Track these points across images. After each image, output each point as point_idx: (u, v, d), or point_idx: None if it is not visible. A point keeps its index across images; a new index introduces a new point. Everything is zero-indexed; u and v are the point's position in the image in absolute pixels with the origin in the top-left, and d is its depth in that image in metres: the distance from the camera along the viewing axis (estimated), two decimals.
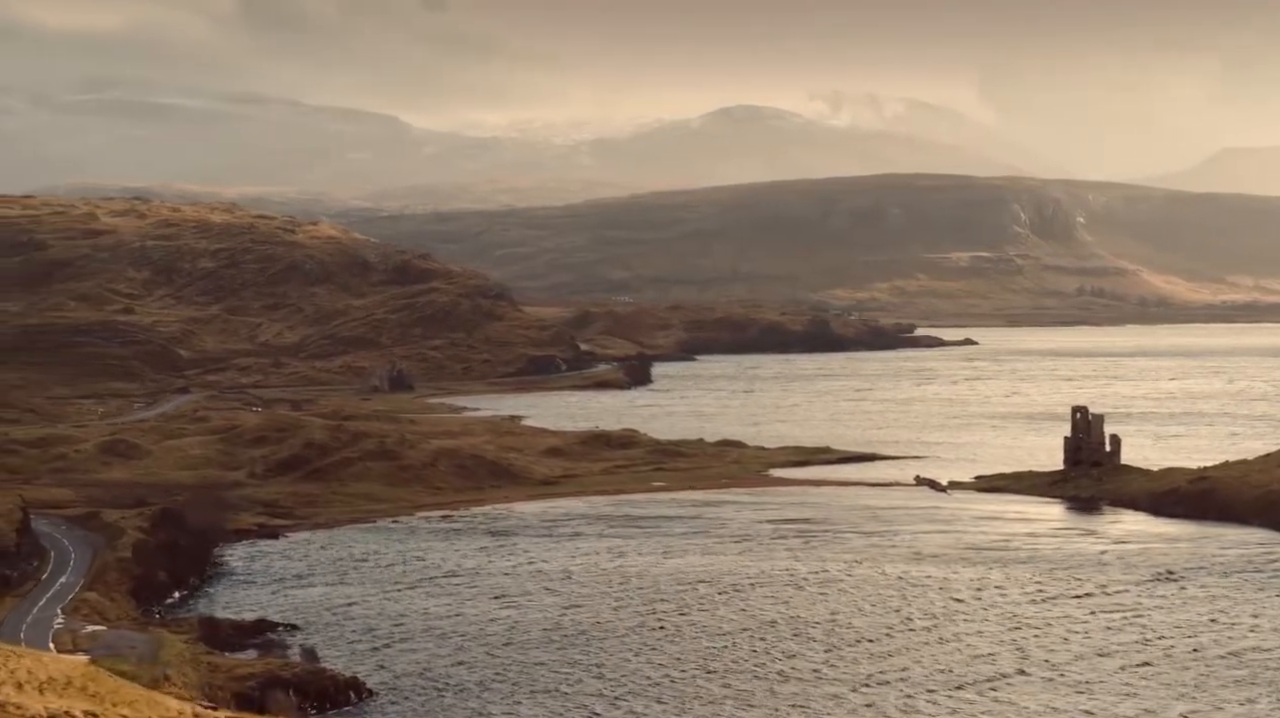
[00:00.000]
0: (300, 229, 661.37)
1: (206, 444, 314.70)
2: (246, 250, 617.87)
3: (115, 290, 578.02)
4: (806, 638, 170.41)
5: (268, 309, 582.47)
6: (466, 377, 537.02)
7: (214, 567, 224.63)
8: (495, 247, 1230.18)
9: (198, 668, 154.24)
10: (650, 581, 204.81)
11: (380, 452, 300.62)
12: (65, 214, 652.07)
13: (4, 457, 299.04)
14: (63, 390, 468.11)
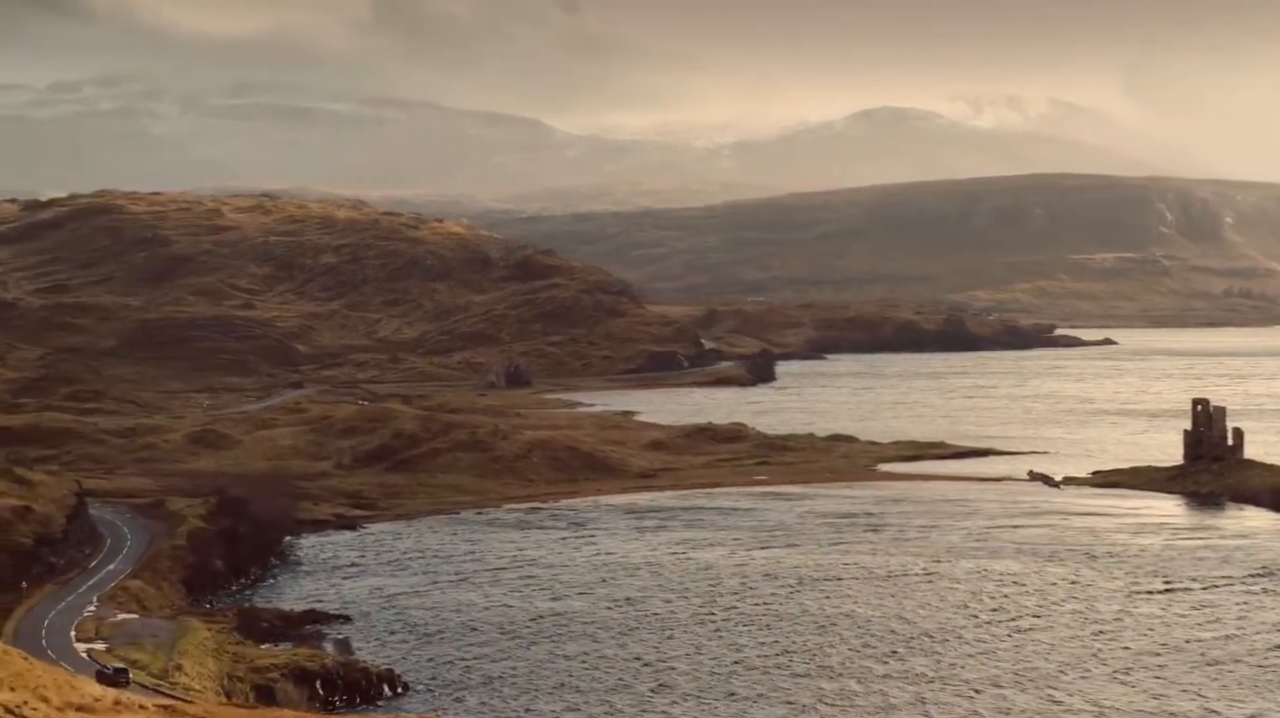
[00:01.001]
0: (425, 226, 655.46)
1: (297, 435, 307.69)
2: (369, 246, 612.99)
3: (236, 286, 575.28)
4: (869, 634, 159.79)
5: (388, 305, 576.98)
6: (586, 373, 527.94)
7: (281, 557, 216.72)
8: (631, 248, 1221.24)
9: (220, 658, 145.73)
10: (720, 574, 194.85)
11: (471, 443, 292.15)
12: (190, 211, 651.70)
13: (90, 446, 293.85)
14: (177, 384, 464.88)
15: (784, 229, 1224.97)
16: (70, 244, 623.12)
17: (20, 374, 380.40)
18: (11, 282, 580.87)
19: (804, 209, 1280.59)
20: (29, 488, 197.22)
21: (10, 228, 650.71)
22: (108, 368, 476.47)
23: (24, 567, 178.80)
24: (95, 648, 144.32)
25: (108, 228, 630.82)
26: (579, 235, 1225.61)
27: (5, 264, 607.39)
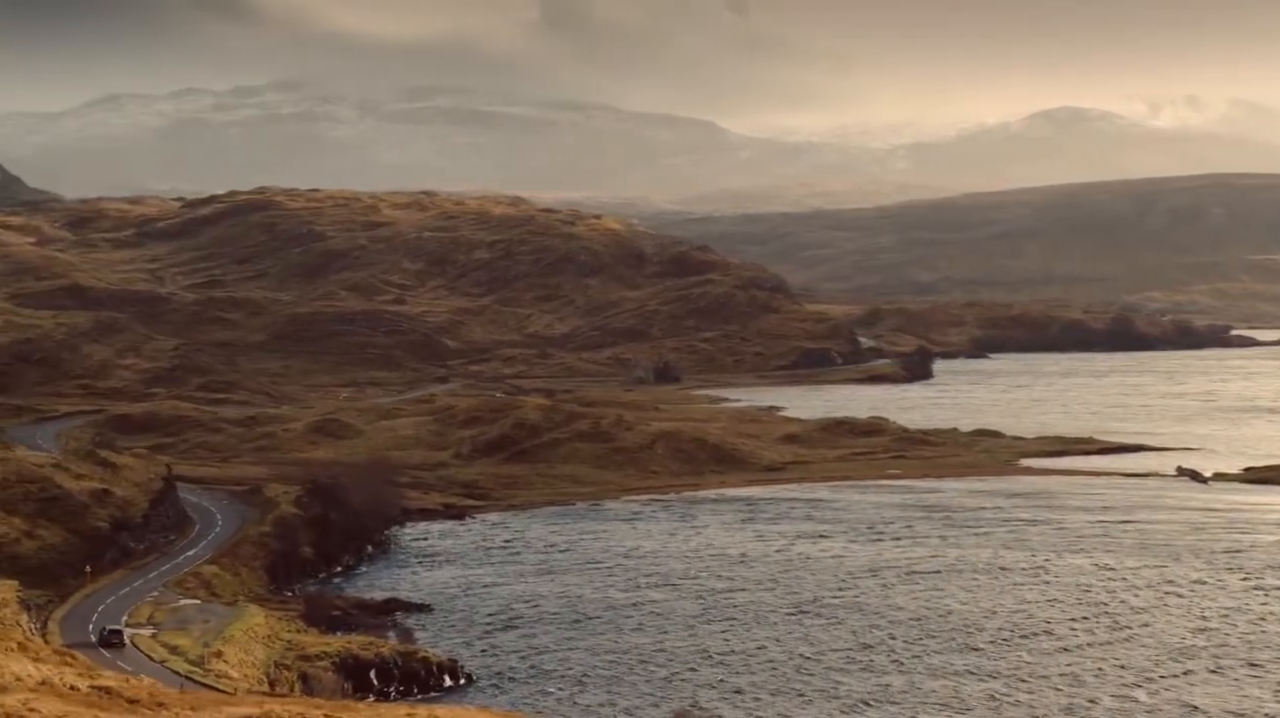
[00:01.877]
0: (582, 222, 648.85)
1: (419, 425, 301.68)
2: (522, 242, 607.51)
3: (388, 281, 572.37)
4: (956, 628, 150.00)
5: (540, 300, 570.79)
6: (737, 369, 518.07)
7: (379, 545, 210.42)
8: (800, 248, 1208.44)
9: (270, 646, 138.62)
10: (821, 567, 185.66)
11: (593, 433, 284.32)
12: (347, 207, 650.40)
13: (208, 435, 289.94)
14: (325, 379, 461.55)
15: (956, 229, 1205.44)
16: (227, 240, 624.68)
17: (154, 365, 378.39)
18: (168, 277, 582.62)
19: (977, 209, 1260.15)
20: (113, 471, 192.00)
21: (169, 224, 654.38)
22: (255, 362, 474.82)
23: (98, 551, 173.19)
24: (141, 633, 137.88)
25: (264, 224, 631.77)
26: (749, 236, 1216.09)
27: (163, 260, 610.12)
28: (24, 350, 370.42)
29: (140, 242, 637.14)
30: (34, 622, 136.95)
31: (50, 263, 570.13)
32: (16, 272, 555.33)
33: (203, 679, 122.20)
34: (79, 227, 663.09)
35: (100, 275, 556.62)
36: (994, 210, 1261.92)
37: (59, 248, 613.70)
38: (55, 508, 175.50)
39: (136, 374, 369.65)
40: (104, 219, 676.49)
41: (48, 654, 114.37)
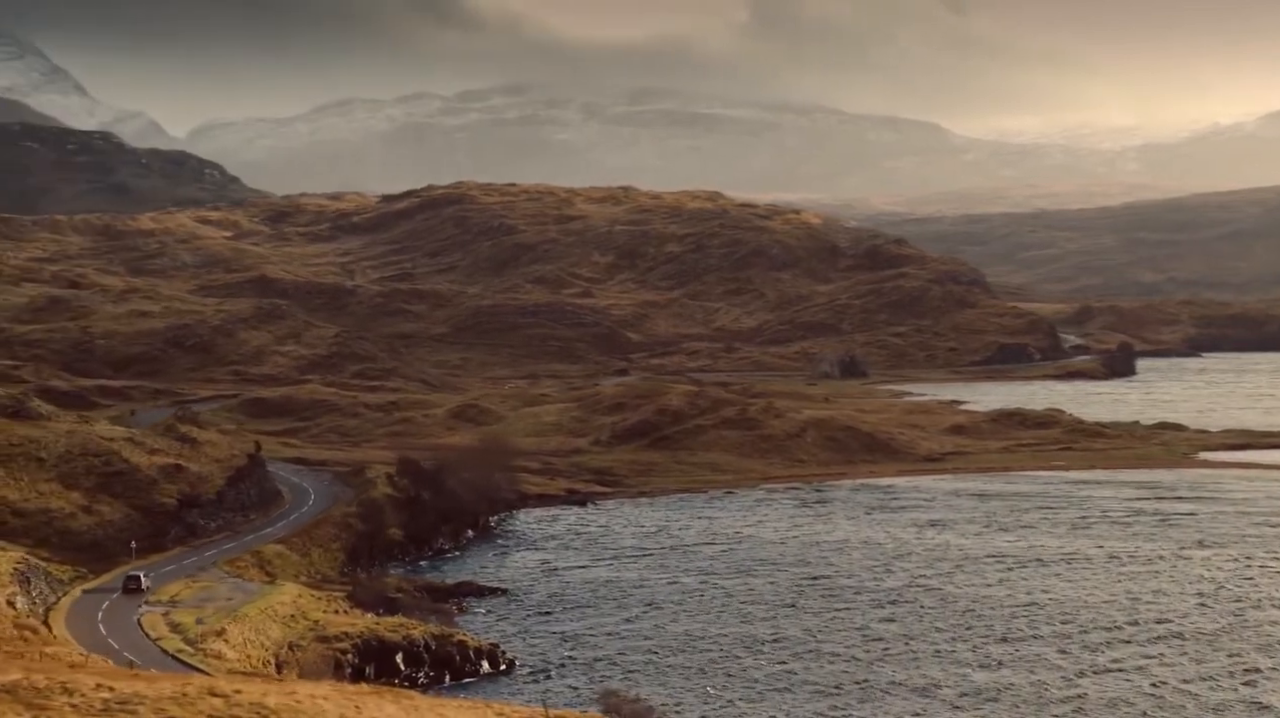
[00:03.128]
0: (778, 216, 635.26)
1: (563, 411, 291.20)
2: (714, 235, 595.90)
3: (576, 274, 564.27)
4: (1051, 620, 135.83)
5: (729, 294, 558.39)
6: (929, 364, 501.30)
7: (482, 529, 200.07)
8: (1021, 249, 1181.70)
9: (291, 625, 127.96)
10: (935, 556, 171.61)
11: (739, 420, 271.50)
12: (539, 201, 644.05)
13: (344, 419, 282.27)
14: (502, 371, 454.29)
15: (1183, 230, 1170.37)
16: (420, 234, 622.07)
17: (312, 352, 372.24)
18: (359, 270, 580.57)
19: (1205, 209, 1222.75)
20: (192, 447, 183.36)
21: (365, 219, 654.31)
22: (436, 354, 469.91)
23: (161, 527, 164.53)
24: (154, 611, 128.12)
25: (457, 218, 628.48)
26: (969, 237, 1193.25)
27: (356, 253, 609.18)
28: (178, 336, 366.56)
29: (334, 236, 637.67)
30: (40, 597, 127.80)
31: (240, 255, 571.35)
32: (207, 263, 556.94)
33: (188, 659, 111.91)
34: (277, 221, 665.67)
35: (289, 268, 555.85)
36: (1223, 210, 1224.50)
37: (253, 241, 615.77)
38: (119, 483, 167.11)
39: (292, 361, 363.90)
40: (302, 214, 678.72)
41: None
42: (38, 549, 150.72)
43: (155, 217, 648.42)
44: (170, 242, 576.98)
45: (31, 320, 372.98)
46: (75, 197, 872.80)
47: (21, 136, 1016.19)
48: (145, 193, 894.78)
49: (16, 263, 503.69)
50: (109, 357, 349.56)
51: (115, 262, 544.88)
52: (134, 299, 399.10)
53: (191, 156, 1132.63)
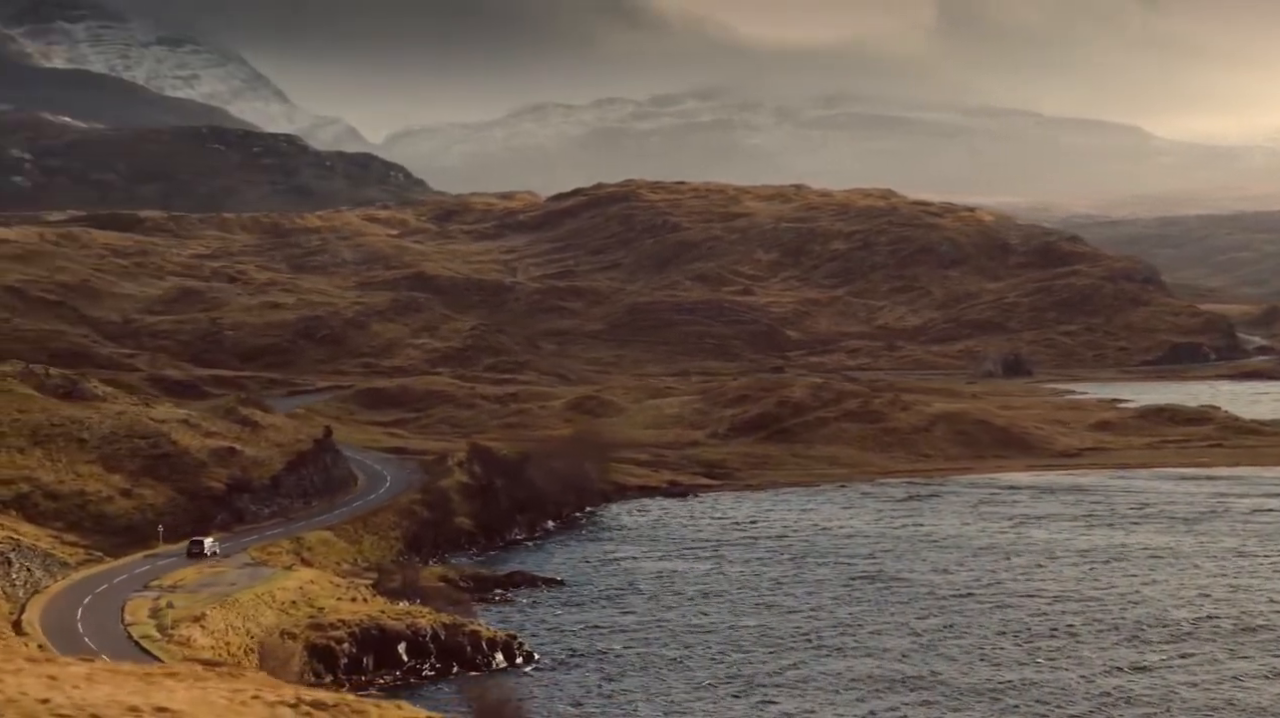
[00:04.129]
0: (951, 214, 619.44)
1: (685, 404, 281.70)
2: (881, 233, 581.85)
3: (738, 271, 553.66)
4: (1124, 619, 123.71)
5: (895, 292, 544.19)
6: (1098, 364, 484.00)
7: (565, 519, 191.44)
8: (1217, 251, 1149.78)
9: (290, 613, 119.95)
10: (1019, 551, 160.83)
11: (862, 413, 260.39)
12: (706, 199, 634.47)
13: (459, 410, 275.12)
14: (656, 368, 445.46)
15: None
16: (584, 231, 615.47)
17: (446, 344, 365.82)
18: (521, 267, 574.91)
19: None
20: (253, 430, 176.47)
21: (530, 216, 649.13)
22: (590, 350, 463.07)
23: (206, 512, 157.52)
24: (147, 596, 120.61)
25: (622, 215, 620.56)
26: (1163, 239, 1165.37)
27: (519, 251, 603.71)
28: (309, 327, 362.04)
29: (499, 234, 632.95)
30: (24, 580, 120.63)
31: (401, 252, 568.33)
32: (368, 260, 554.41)
33: (150, 646, 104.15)
34: (444, 220, 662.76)
35: (450, 265, 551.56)
36: None
37: (417, 239, 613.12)
38: (165, 466, 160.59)
39: (425, 354, 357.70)
40: (469, 213, 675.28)
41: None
42: (66, 532, 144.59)
43: (323, 215, 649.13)
44: (332, 239, 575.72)
45: (163, 312, 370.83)
46: (259, 198, 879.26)
47: (209, 139, 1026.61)
48: (327, 195, 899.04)
49: (179, 259, 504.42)
50: (237, 348, 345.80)
51: (277, 258, 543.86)
52: (273, 291, 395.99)
53: (376, 159, 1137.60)
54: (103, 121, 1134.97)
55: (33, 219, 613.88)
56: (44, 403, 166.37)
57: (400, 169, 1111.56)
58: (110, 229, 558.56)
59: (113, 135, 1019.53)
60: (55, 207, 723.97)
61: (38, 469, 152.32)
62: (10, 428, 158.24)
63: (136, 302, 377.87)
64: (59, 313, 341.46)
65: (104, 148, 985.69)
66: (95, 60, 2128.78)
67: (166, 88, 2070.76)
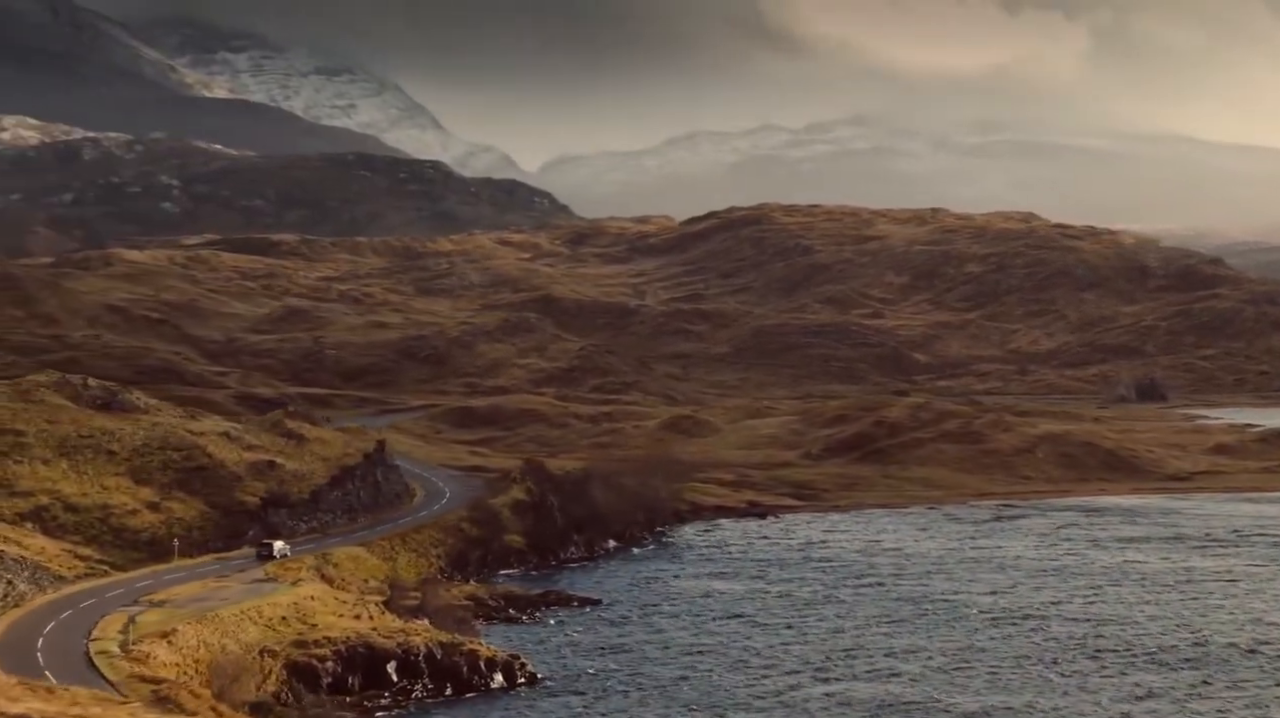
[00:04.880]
0: (1091, 237, 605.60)
1: (783, 424, 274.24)
2: (1017, 255, 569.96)
3: (868, 294, 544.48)
4: (1144, 645, 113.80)
5: (1029, 315, 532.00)
6: (1236, 388, 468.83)
7: (628, 539, 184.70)
8: None
9: (276, 629, 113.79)
10: (1074, 574, 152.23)
11: (962, 434, 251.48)
12: (840, 222, 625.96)
13: (549, 429, 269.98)
14: (778, 391, 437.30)
15: None
16: (716, 255, 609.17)
17: (553, 364, 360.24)
18: (650, 290, 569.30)
19: None
20: (298, 444, 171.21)
21: (662, 240, 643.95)
22: (713, 373, 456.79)
23: (238, 526, 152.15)
24: (127, 610, 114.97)
25: (754, 239, 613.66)
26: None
27: (649, 274, 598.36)
28: (412, 347, 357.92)
29: (630, 257, 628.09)
30: (7, 595, 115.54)
31: (529, 275, 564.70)
32: (495, 283, 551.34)
33: (102, 664, 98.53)
34: (576, 243, 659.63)
35: (577, 288, 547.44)
36: None
37: (548, 262, 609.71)
38: (198, 479, 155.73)
39: (530, 373, 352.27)
40: (602, 236, 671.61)
41: None
42: (83, 546, 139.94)
43: (455, 239, 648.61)
44: (460, 262, 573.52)
45: (268, 331, 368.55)
46: (403, 224, 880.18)
47: (356, 166, 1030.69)
48: (471, 220, 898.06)
49: (305, 281, 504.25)
50: (338, 367, 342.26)
51: (404, 281, 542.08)
52: (382, 311, 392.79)
53: (522, 185, 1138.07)
54: (256, 149, 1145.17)
55: (171, 243, 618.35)
56: (76, 414, 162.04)
57: (546, 195, 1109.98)
58: (244, 252, 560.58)
59: (261, 162, 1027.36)
60: (200, 232, 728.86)
61: (61, 481, 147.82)
62: (36, 439, 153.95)
63: (243, 321, 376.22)
64: (159, 331, 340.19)
65: (252, 175, 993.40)
66: (255, 90, 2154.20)
67: (324, 117, 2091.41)
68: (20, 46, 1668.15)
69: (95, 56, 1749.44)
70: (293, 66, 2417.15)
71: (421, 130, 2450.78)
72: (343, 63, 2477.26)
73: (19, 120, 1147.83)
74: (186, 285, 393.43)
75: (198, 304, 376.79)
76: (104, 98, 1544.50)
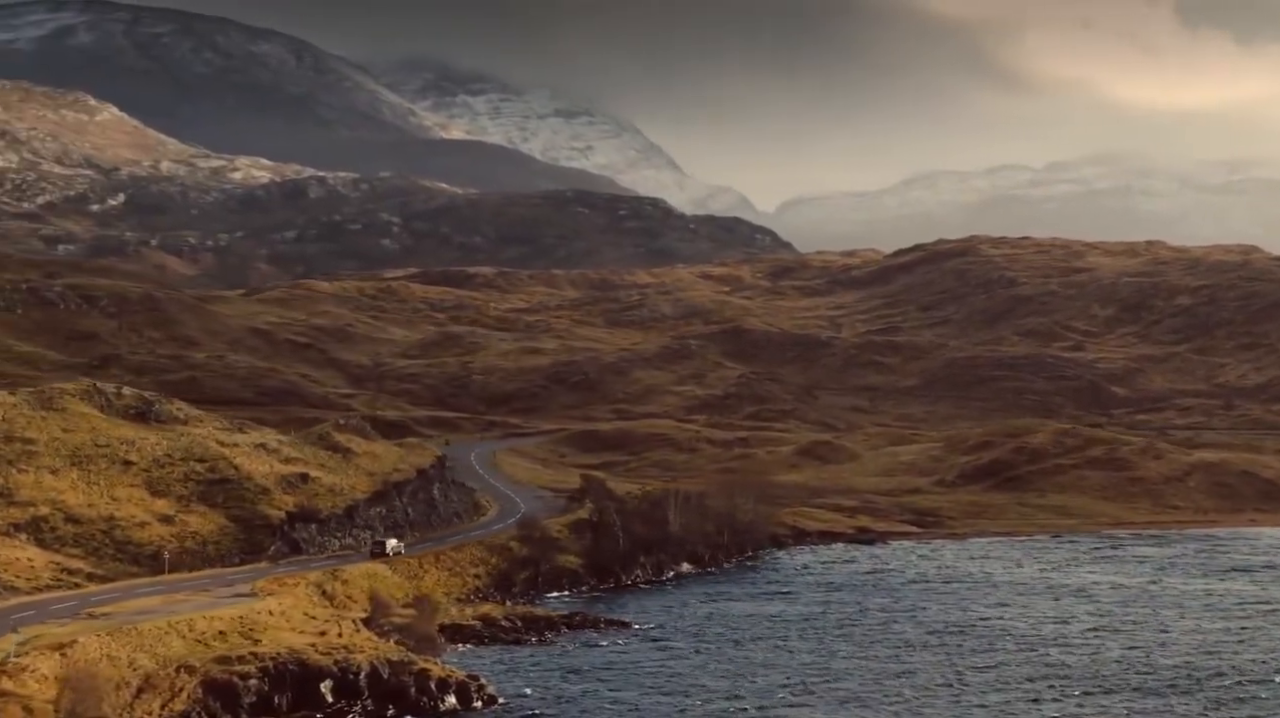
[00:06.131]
0: None
1: (923, 451, 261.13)
2: (1231, 288, 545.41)
3: (1071, 327, 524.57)
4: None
5: (1239, 349, 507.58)
6: None
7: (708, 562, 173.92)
8: None
9: (206, 644, 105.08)
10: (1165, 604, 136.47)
11: (1107, 460, 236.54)
12: (1048, 254, 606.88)
13: (677, 454, 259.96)
14: (965, 424, 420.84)
15: None
16: (916, 288, 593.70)
17: (708, 392, 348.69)
18: (846, 323, 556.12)
19: None
20: (344, 458, 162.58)
21: (864, 272, 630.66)
22: (901, 406, 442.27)
23: (258, 541, 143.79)
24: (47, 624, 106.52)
25: (957, 271, 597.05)
26: None
27: (848, 307, 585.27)
28: (563, 372, 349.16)
29: (830, 290, 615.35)
30: None
31: (721, 307, 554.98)
32: (686, 314, 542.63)
33: None
34: (779, 277, 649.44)
35: (771, 320, 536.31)
36: None
37: (745, 295, 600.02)
38: (221, 492, 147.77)
39: (683, 400, 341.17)
40: (806, 270, 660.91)
41: None
42: (78, 559, 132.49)
43: (655, 272, 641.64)
44: (652, 294, 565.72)
45: (418, 356, 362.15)
46: (619, 259, 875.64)
47: (574, 202, 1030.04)
48: (688, 257, 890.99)
49: (496, 312, 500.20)
50: (483, 392, 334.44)
51: (594, 312, 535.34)
52: (542, 338, 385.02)
53: (744, 223, 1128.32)
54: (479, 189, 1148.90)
55: (372, 275, 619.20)
56: (99, 423, 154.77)
57: (769, 233, 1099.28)
58: (440, 284, 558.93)
59: (480, 200, 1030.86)
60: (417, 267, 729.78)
61: (67, 492, 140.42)
62: (47, 447, 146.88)
63: (395, 346, 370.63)
64: (303, 354, 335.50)
65: (471, 212, 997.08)
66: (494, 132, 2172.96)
67: (561, 158, 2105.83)
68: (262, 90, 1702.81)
69: (335, 100, 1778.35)
70: (531, 109, 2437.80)
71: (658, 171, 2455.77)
72: (581, 105, 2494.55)
73: (253, 161, 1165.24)
74: (343, 311, 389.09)
75: (349, 329, 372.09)
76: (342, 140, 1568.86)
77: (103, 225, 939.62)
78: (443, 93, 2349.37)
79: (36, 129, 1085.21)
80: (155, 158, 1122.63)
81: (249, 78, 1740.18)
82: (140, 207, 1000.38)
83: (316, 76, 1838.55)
